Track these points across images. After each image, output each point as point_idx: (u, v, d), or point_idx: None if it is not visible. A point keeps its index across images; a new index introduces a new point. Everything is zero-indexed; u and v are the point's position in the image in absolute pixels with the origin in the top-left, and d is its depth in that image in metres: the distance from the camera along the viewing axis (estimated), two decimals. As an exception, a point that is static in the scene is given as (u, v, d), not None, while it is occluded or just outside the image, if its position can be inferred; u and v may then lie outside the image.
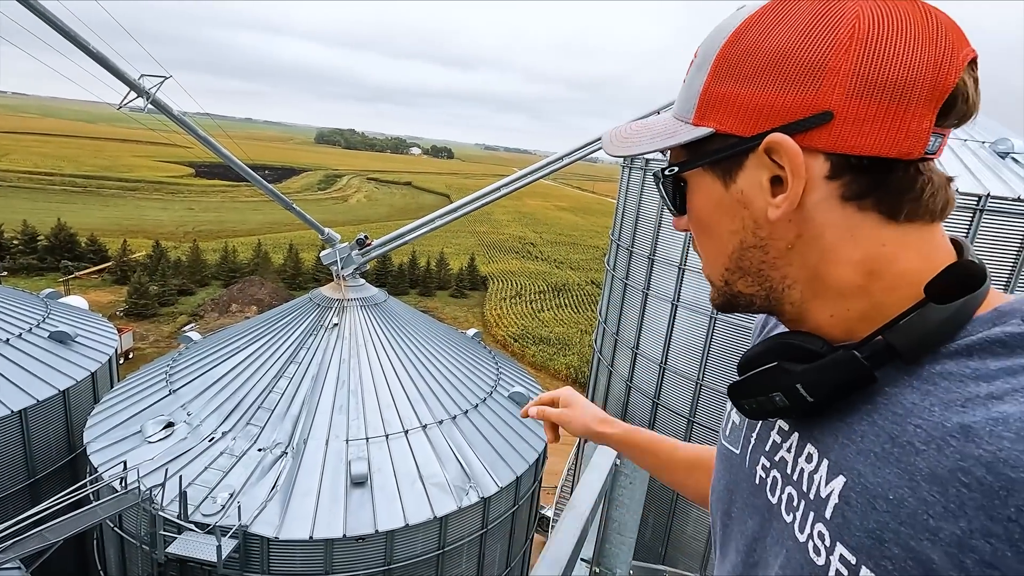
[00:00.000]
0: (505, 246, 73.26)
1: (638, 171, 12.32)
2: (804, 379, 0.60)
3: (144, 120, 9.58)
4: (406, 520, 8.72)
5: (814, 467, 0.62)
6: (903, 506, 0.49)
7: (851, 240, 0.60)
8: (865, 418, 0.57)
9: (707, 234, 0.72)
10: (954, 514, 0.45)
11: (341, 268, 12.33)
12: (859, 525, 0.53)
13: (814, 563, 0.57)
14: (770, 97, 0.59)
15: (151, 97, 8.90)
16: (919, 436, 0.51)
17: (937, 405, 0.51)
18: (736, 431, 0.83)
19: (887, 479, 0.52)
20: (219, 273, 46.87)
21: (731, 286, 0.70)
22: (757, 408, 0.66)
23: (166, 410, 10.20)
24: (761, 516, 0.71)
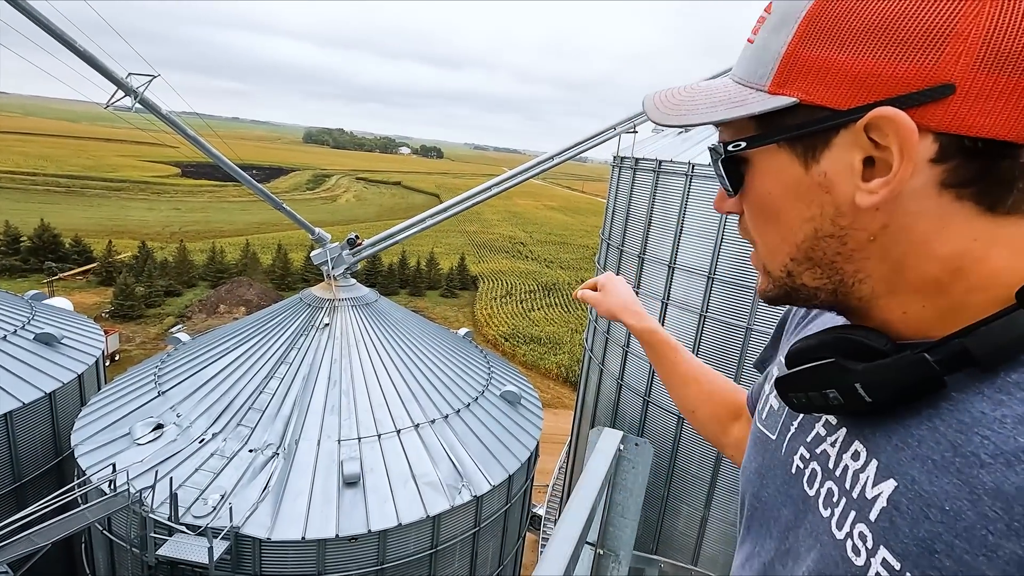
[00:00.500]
0: (495, 246, 73.27)
1: (628, 170, 12.40)
2: (865, 379, 0.56)
3: (131, 119, 9.49)
4: (399, 519, 8.72)
5: (861, 466, 0.59)
6: (960, 519, 0.46)
7: (942, 233, 0.54)
8: (926, 423, 0.54)
9: (771, 219, 0.64)
10: (1017, 533, 0.42)
11: (332, 268, 12.29)
12: (908, 532, 0.50)
13: (852, 562, 0.55)
14: (877, 65, 0.51)
15: (139, 96, 8.82)
16: (986, 448, 0.47)
17: (1010, 418, 0.47)
18: (774, 416, 0.80)
19: (944, 489, 0.49)
20: (207, 274, 46.42)
21: (794, 278, 0.64)
22: (807, 403, 0.62)
23: (155, 412, 10.11)
24: (796, 506, 0.69)
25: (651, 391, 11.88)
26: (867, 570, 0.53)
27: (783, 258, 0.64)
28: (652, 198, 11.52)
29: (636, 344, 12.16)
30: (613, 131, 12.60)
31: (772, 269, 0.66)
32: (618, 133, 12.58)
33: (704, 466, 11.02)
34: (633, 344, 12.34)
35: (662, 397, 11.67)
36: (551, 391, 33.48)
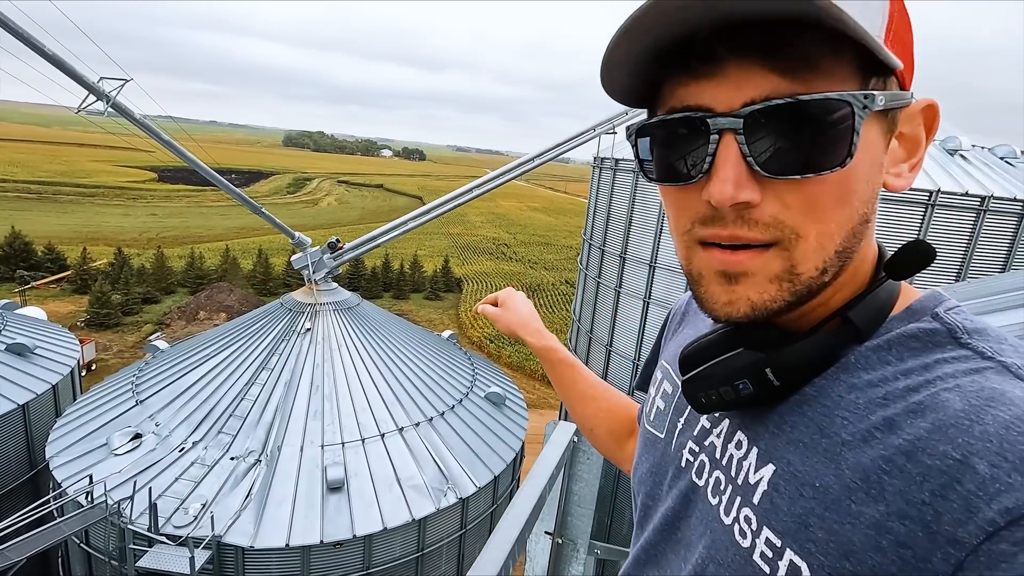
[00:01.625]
0: (479, 247, 73.21)
1: (608, 171, 12.50)
2: (774, 363, 0.57)
3: (104, 124, 9.33)
4: (384, 524, 8.68)
5: (743, 454, 0.61)
6: (828, 493, 0.50)
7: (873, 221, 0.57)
8: (796, 409, 0.57)
9: (843, 201, 0.52)
10: (874, 499, 0.46)
11: (313, 272, 12.19)
12: (786, 511, 0.53)
13: (739, 545, 0.57)
14: (909, 60, 0.55)
15: (111, 100, 8.67)
16: (846, 428, 0.52)
17: (862, 399, 0.52)
18: (661, 416, 0.82)
19: (815, 467, 0.52)
20: (185, 280, 45.63)
21: (825, 274, 0.54)
22: (717, 400, 0.61)
23: (133, 421, 9.93)
24: (685, 496, 0.70)
25: (632, 391, 11.96)
26: (753, 551, 0.55)
27: (829, 252, 0.53)
28: (632, 198, 11.62)
29: (620, 343, 12.29)
30: (593, 132, 12.70)
31: (807, 269, 0.53)
32: (598, 134, 12.68)
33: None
34: (616, 344, 12.44)
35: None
36: (536, 391, 33.55)
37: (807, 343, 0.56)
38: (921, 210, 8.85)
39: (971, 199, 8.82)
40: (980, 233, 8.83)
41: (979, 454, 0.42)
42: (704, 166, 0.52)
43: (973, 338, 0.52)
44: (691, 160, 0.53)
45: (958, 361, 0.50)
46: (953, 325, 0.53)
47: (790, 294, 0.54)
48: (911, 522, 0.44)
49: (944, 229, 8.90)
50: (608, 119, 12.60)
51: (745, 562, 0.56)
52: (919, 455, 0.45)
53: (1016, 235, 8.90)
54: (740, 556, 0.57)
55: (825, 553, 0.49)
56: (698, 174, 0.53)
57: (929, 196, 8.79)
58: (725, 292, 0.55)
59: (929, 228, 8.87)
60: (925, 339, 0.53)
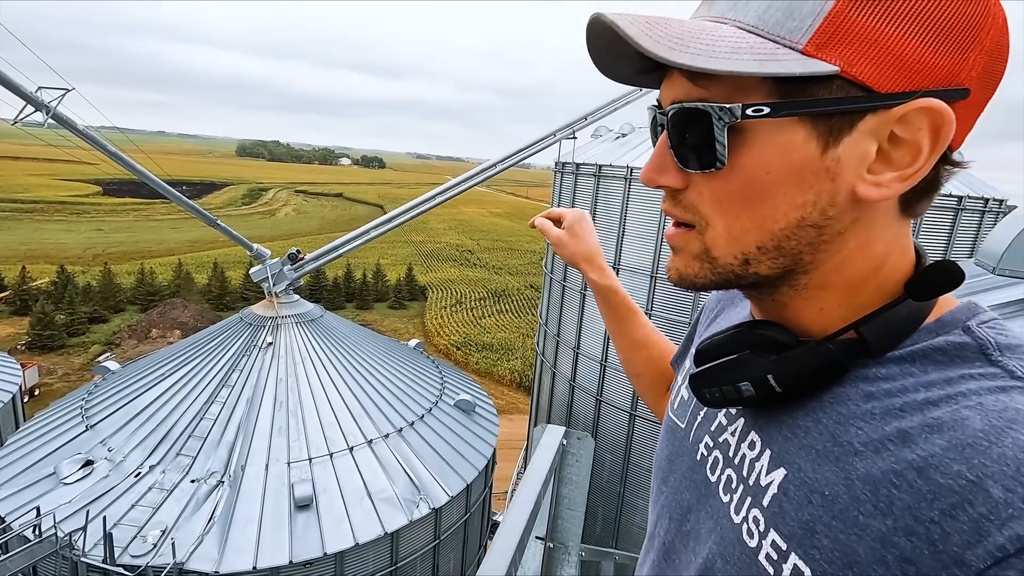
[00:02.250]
0: (443, 254, 72.80)
1: (569, 175, 12.65)
2: (776, 369, 0.57)
3: (44, 135, 8.86)
4: (355, 539, 8.49)
5: (756, 455, 0.62)
6: (837, 502, 0.50)
7: (884, 230, 0.55)
8: (811, 415, 0.57)
9: (753, 201, 0.55)
10: (883, 512, 0.46)
11: (273, 284, 11.87)
12: (794, 516, 0.53)
13: (746, 544, 0.58)
14: (926, 52, 0.48)
15: (51, 111, 8.25)
16: (859, 438, 0.51)
17: (879, 409, 0.52)
18: (684, 406, 0.82)
19: (825, 476, 0.52)
20: (136, 297, 43.71)
21: (750, 265, 0.57)
22: (720, 397, 0.62)
23: (83, 447, 9.42)
24: (698, 491, 0.71)
25: (603, 391, 12.11)
26: (759, 552, 0.56)
27: (747, 245, 0.56)
28: (594, 201, 11.80)
29: (587, 346, 12.42)
30: (554, 137, 12.83)
31: (722, 255, 0.58)
32: (559, 139, 12.83)
33: (657, 460, 11.32)
34: (584, 346, 12.56)
35: (614, 396, 11.92)
36: (505, 397, 33.52)
37: (809, 352, 0.56)
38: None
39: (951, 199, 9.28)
40: (920, 227, 9.34)
41: (994, 477, 0.41)
42: None
43: (1004, 355, 0.50)
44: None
45: (984, 378, 0.49)
46: (984, 340, 0.52)
47: (712, 273, 0.59)
48: (918, 539, 0.43)
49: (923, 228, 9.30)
50: (568, 124, 12.77)
51: (751, 562, 0.57)
52: (931, 472, 0.45)
53: (953, 228, 9.43)
54: (746, 555, 0.58)
55: (829, 561, 0.49)
56: None
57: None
58: (670, 260, 0.64)
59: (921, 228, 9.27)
60: (952, 353, 0.52)
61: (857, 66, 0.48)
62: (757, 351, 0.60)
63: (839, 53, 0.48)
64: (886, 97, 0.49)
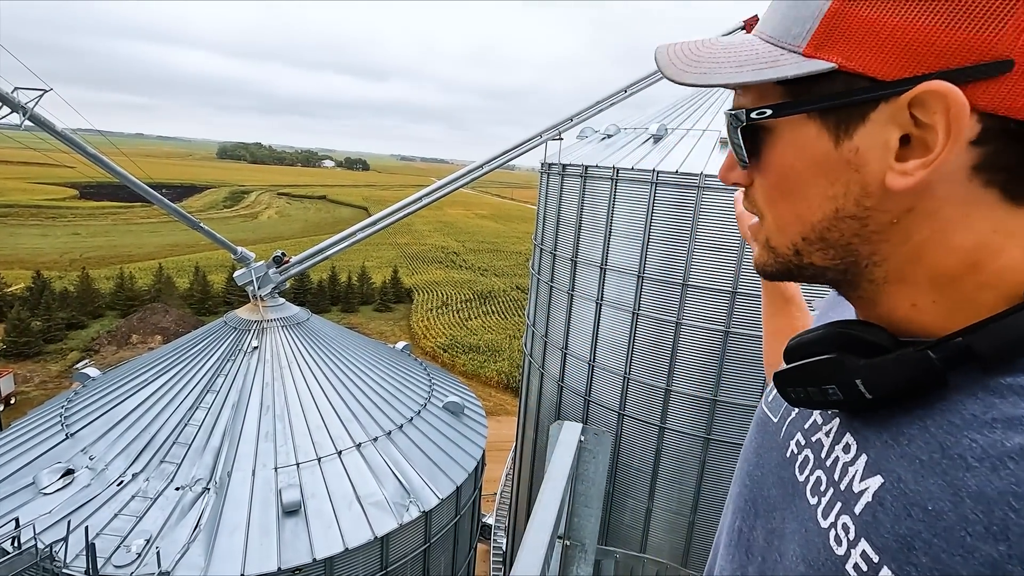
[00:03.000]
0: (428, 256, 72.60)
1: (556, 176, 12.70)
2: (866, 375, 0.54)
3: (20, 137, 8.68)
4: (345, 544, 8.41)
5: (851, 459, 0.59)
6: (941, 519, 0.46)
7: (966, 220, 0.51)
8: (917, 422, 0.52)
9: (788, 195, 0.59)
10: (995, 536, 0.42)
11: (258, 288, 11.73)
12: (890, 528, 0.50)
13: (833, 551, 0.55)
14: (933, 31, 0.46)
15: (28, 112, 8.08)
16: (973, 451, 0.46)
17: (1000, 421, 0.46)
18: (778, 399, 0.79)
19: (929, 489, 0.48)
20: (115, 302, 42.94)
21: (802, 256, 0.60)
22: (805, 398, 0.60)
23: (63, 456, 9.21)
24: (785, 490, 0.69)
25: (591, 391, 12.16)
26: (847, 560, 0.53)
27: (793, 236, 0.60)
28: (581, 202, 11.85)
29: (575, 346, 12.47)
30: (539, 138, 12.86)
31: (778, 245, 0.62)
32: (544, 140, 12.86)
33: (646, 459, 11.39)
34: (571, 345, 12.60)
35: (602, 396, 11.98)
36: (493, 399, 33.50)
37: (905, 359, 0.52)
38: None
39: None
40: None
41: None
42: None
43: None
44: None
45: None
46: None
47: (775, 263, 0.65)
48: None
49: None
50: (554, 125, 12.81)
51: (837, 570, 0.54)
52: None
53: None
54: (832, 563, 0.55)
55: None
56: None
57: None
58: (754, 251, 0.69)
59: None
60: None
61: (856, 59, 0.49)
62: (848, 353, 0.56)
63: (837, 49, 0.50)
64: (891, 85, 0.48)
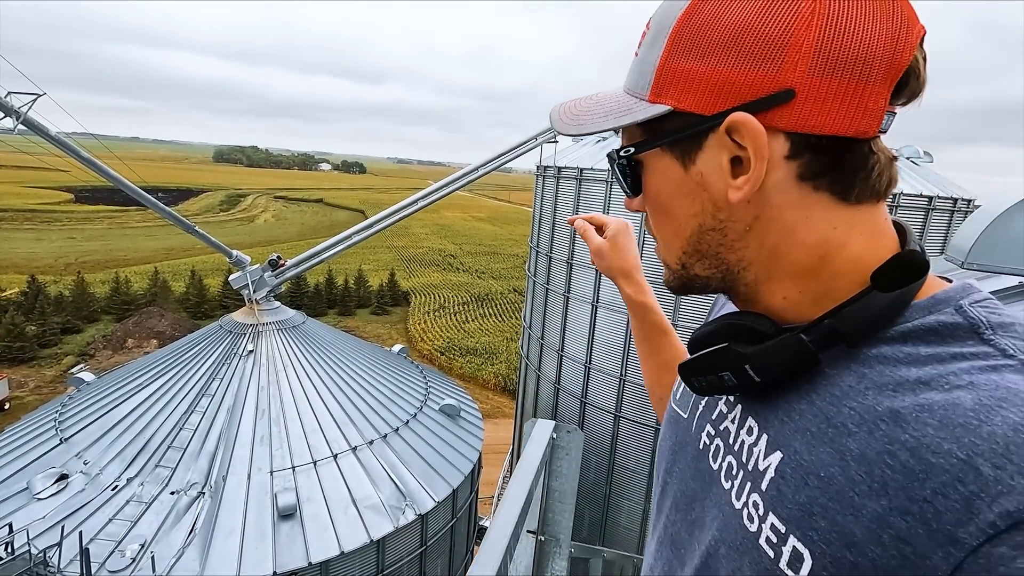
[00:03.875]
0: (425, 259, 72.54)
1: (551, 179, 12.73)
2: (753, 360, 0.60)
3: (13, 142, 8.66)
4: (341, 548, 8.39)
5: (754, 440, 0.63)
6: (832, 483, 0.51)
7: (807, 222, 0.59)
8: (804, 397, 0.58)
9: (664, 217, 0.69)
10: (877, 493, 0.47)
11: (253, 291, 11.72)
12: (791, 498, 0.54)
13: (747, 529, 0.59)
14: (731, 74, 0.57)
15: (22, 116, 8.06)
16: (852, 418, 0.52)
17: (871, 389, 0.53)
18: (686, 396, 0.85)
19: (820, 457, 0.53)
20: (110, 307, 42.75)
21: (688, 269, 0.69)
22: (706, 386, 0.66)
23: (57, 461, 9.17)
24: (702, 479, 0.73)
25: (587, 393, 12.17)
26: (759, 536, 0.57)
27: (677, 252, 0.69)
28: (576, 205, 11.88)
29: (571, 348, 12.48)
30: (535, 141, 12.89)
31: (670, 262, 0.71)
32: (540, 143, 12.89)
33: (641, 461, 11.41)
34: (568, 349, 12.61)
35: (598, 398, 11.99)
36: (490, 401, 33.48)
37: (783, 343, 0.59)
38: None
39: (923, 199, 9.57)
40: (893, 227, 9.60)
41: (984, 455, 0.42)
42: None
43: (997, 334, 0.52)
44: None
45: (977, 358, 0.50)
46: (976, 319, 0.53)
47: (673, 277, 0.72)
48: (912, 519, 0.44)
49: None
50: (549, 128, 12.83)
51: (752, 546, 0.58)
52: (923, 451, 0.46)
53: (925, 227, 9.71)
54: (748, 540, 0.59)
55: (827, 542, 0.50)
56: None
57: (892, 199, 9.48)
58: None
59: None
60: (944, 332, 0.53)
61: (685, 101, 0.60)
62: (738, 342, 0.63)
63: (671, 94, 0.61)
64: (712, 119, 0.59)
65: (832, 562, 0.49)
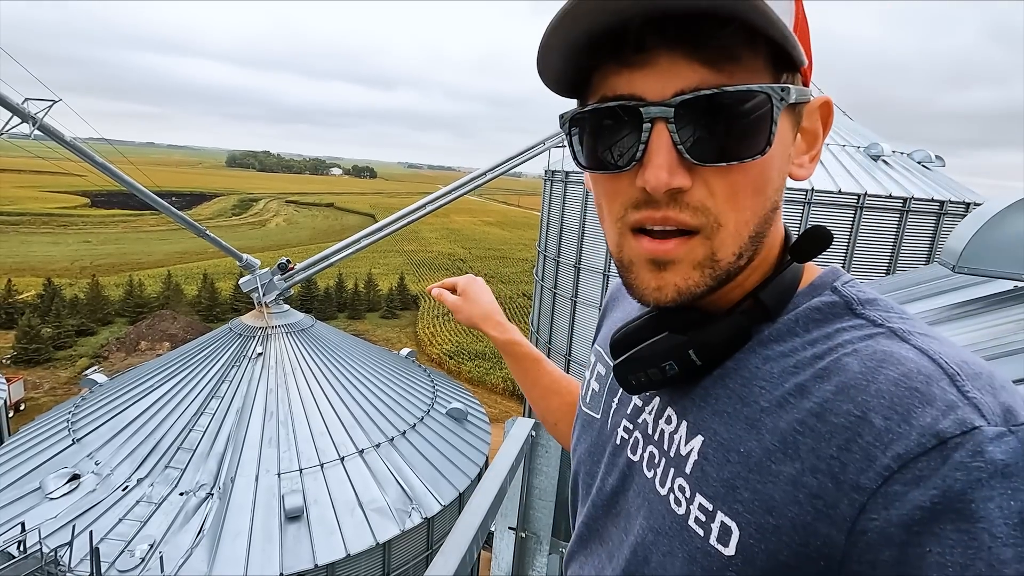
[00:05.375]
0: (435, 263, 72.75)
1: (559, 183, 12.74)
2: (695, 344, 0.61)
3: (30, 147, 8.83)
4: (347, 550, 8.42)
5: (674, 428, 0.65)
6: (751, 456, 0.54)
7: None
8: (719, 382, 0.61)
9: (759, 190, 0.55)
10: (791, 458, 0.51)
11: (263, 295, 11.83)
12: (715, 476, 0.57)
13: (675, 513, 0.61)
14: (806, 62, 0.55)
15: (38, 123, 8.22)
16: (763, 396, 0.56)
17: (776, 369, 0.57)
18: (596, 398, 0.85)
19: (738, 435, 0.56)
20: (124, 309, 43.26)
21: (740, 259, 0.57)
22: (645, 381, 0.65)
23: (70, 461, 9.30)
24: (622, 472, 0.73)
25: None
26: (687, 517, 0.59)
27: (744, 238, 0.56)
28: (584, 209, 11.88)
29: (578, 352, 12.44)
30: (543, 146, 12.93)
31: (725, 256, 0.56)
32: (548, 148, 12.92)
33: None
34: (575, 352, 12.59)
35: (605, 402, 11.95)
36: (498, 405, 33.43)
37: (724, 324, 0.61)
38: (851, 212, 9.44)
39: (894, 200, 9.47)
40: (904, 231, 9.48)
41: (875, 409, 0.47)
42: (637, 153, 0.53)
43: (866, 308, 0.57)
44: (623, 148, 0.54)
45: (854, 329, 0.56)
46: (849, 297, 0.59)
47: (711, 279, 0.56)
48: (822, 475, 0.48)
49: (872, 228, 9.51)
50: (557, 132, 12.85)
51: (681, 528, 0.59)
52: (827, 415, 0.50)
53: (936, 232, 9.59)
54: (676, 523, 0.60)
55: (751, 512, 0.53)
56: (631, 161, 0.54)
57: (857, 199, 9.38)
58: (655, 279, 0.57)
59: (859, 228, 9.46)
60: (826, 311, 0.58)
61: (807, 60, 0.55)
62: (674, 332, 0.63)
63: (803, 47, 0.52)
64: (808, 92, 0.57)
65: (757, 529, 0.52)
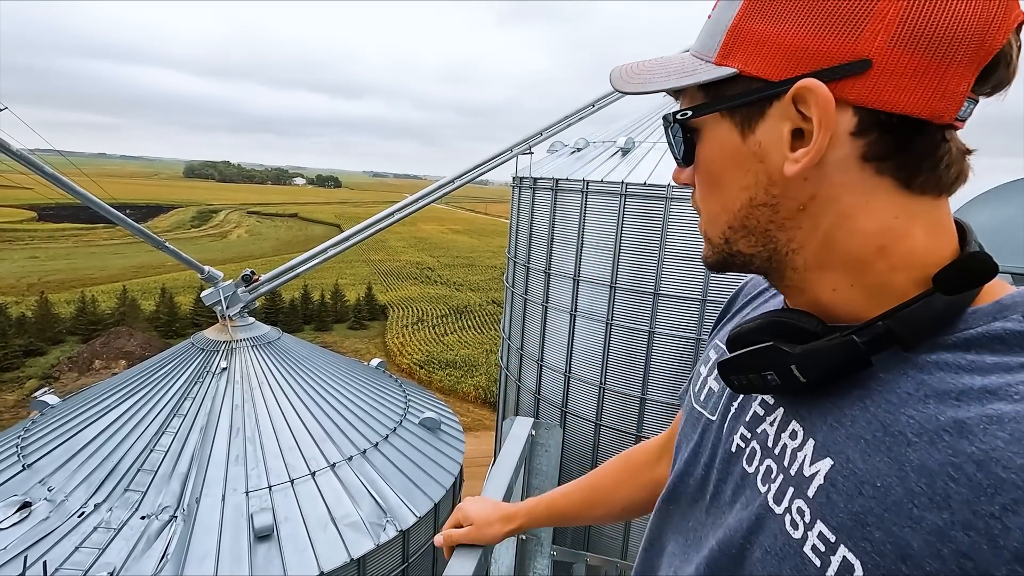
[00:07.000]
0: (403, 273, 72.04)
1: (527, 190, 12.82)
2: (799, 360, 0.58)
3: (-28, 158, 8.39)
4: (320, 568, 8.20)
5: (798, 445, 0.61)
6: (890, 494, 0.49)
7: (866, 206, 0.56)
8: (857, 403, 0.56)
9: (713, 188, 0.66)
10: (939, 505, 0.45)
11: (226, 307, 11.49)
12: (843, 507, 0.52)
13: (790, 535, 0.57)
14: (805, 38, 0.54)
15: (-19, 132, 7.82)
16: (911, 427, 0.50)
17: (932, 397, 0.50)
18: (714, 397, 0.82)
19: (876, 466, 0.51)
20: (76, 327, 41.35)
21: (731, 245, 0.66)
22: (747, 384, 0.64)
23: (19, 489, 8.80)
24: (735, 484, 0.70)
25: (567, 402, 12.19)
26: (804, 543, 0.55)
27: (722, 226, 0.66)
28: (552, 215, 11.98)
29: (550, 357, 12.52)
30: (510, 153, 12.99)
31: (712, 237, 0.68)
32: (515, 155, 12.99)
33: (623, 468, 11.42)
34: (547, 357, 12.63)
35: (578, 406, 12.02)
36: (471, 414, 33.24)
37: (833, 344, 0.57)
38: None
39: None
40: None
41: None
42: None
43: None
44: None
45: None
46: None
47: (713, 253, 0.70)
48: (976, 534, 0.42)
49: None
50: (525, 139, 12.96)
51: (795, 552, 0.56)
52: (992, 465, 0.43)
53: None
54: (790, 546, 0.57)
55: (881, 554, 0.48)
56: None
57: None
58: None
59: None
60: (1011, 341, 0.50)
61: (752, 64, 0.58)
62: (783, 340, 0.60)
63: (738, 58, 0.59)
64: (778, 85, 0.57)
65: (885, 574, 0.47)
